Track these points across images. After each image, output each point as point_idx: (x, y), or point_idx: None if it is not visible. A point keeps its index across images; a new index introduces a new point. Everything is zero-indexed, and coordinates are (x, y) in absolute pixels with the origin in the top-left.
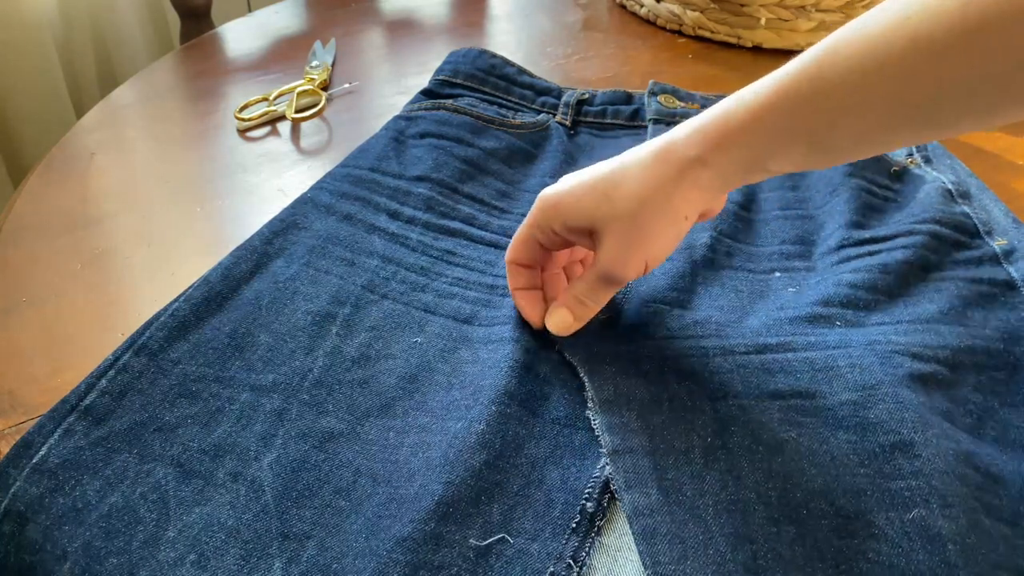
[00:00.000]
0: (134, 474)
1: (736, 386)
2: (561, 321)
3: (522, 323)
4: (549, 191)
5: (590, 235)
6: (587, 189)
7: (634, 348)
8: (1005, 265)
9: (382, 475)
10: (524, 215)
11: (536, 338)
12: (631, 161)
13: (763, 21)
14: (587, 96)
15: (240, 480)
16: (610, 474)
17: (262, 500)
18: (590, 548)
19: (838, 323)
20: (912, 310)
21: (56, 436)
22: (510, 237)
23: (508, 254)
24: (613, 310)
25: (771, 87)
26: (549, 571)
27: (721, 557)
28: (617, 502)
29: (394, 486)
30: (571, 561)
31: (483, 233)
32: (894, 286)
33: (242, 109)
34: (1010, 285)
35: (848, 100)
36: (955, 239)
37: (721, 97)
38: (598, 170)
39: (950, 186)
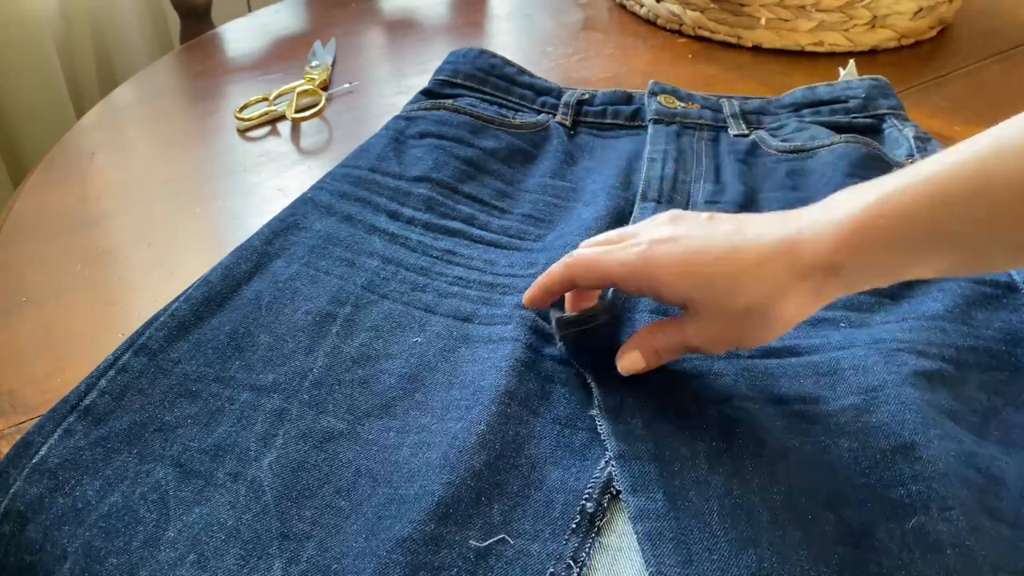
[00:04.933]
0: (134, 474)
1: (741, 390)
2: (633, 365)
3: (523, 322)
4: (653, 257)
5: (681, 306)
6: (692, 272)
7: None
8: None
9: (382, 475)
10: (524, 215)
11: (537, 337)
12: (747, 249)
13: (763, 21)
14: (587, 96)
15: (240, 480)
16: (616, 478)
17: (262, 500)
18: (590, 549)
19: (842, 325)
20: (917, 309)
21: (56, 436)
22: (510, 236)
23: (576, 270)
24: (617, 313)
25: (923, 184)
26: (549, 572)
27: (725, 561)
28: (617, 502)
29: (394, 486)
30: (571, 562)
31: (483, 233)
32: (896, 289)
33: (242, 109)
34: (1011, 287)
35: (1018, 208)
36: None
37: (721, 97)
38: (708, 248)
39: None
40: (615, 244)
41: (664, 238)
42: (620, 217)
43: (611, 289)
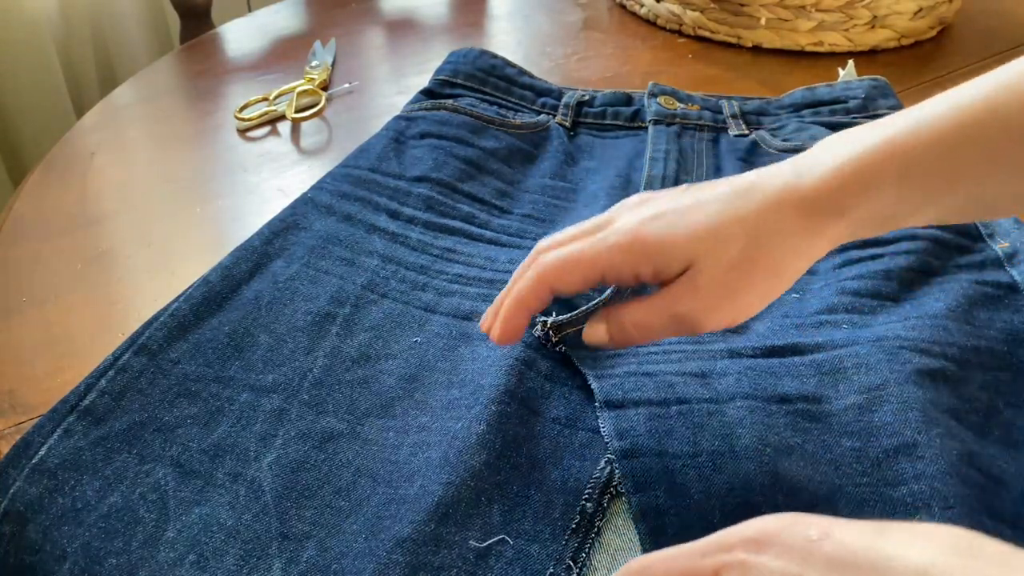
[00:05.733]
0: (133, 474)
1: (744, 388)
2: (595, 336)
3: None
4: (643, 228)
5: (680, 273)
6: (691, 228)
7: (641, 351)
8: (1008, 268)
9: (382, 475)
10: (524, 214)
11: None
12: (745, 196)
13: (763, 21)
14: (587, 97)
15: (240, 480)
16: (618, 476)
17: (262, 500)
18: (590, 549)
19: (844, 326)
20: (919, 309)
21: (56, 436)
22: (510, 235)
23: (550, 273)
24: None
25: (930, 127)
26: (549, 572)
27: None
28: (617, 502)
29: (394, 486)
30: (571, 562)
31: (483, 231)
32: (898, 292)
33: (242, 109)
34: (1013, 288)
35: None
36: (957, 243)
37: (721, 98)
38: (702, 202)
39: None
40: (588, 236)
41: (649, 215)
42: None
43: (612, 287)
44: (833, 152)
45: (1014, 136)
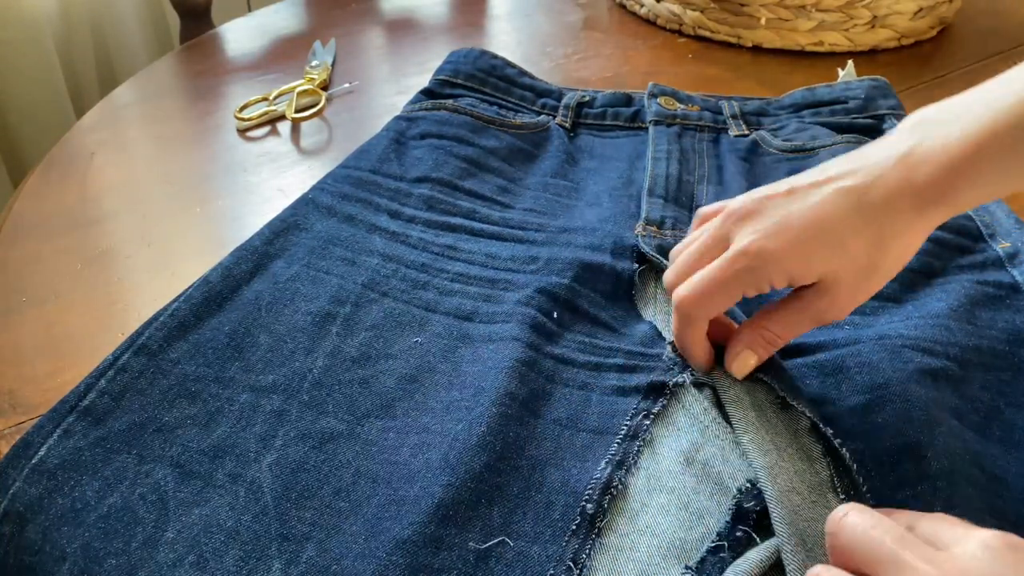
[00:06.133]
0: (133, 475)
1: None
2: (747, 365)
3: (524, 320)
4: (766, 246)
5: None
6: (816, 243)
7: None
8: (1009, 268)
9: (382, 476)
10: (526, 208)
11: (539, 335)
12: (862, 204)
13: (763, 21)
14: (587, 98)
15: (239, 481)
16: (761, 485)
17: (261, 501)
18: (590, 550)
19: (846, 326)
20: (921, 309)
21: (55, 436)
22: (512, 228)
23: (694, 309)
24: None
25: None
26: (549, 573)
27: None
28: (617, 503)
29: (394, 488)
30: (571, 563)
31: (484, 226)
32: (900, 292)
33: (242, 109)
34: (1015, 288)
35: None
36: (958, 243)
37: (721, 98)
38: (819, 213)
39: None
40: (709, 258)
41: (771, 230)
42: (626, 218)
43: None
44: (943, 142)
45: None
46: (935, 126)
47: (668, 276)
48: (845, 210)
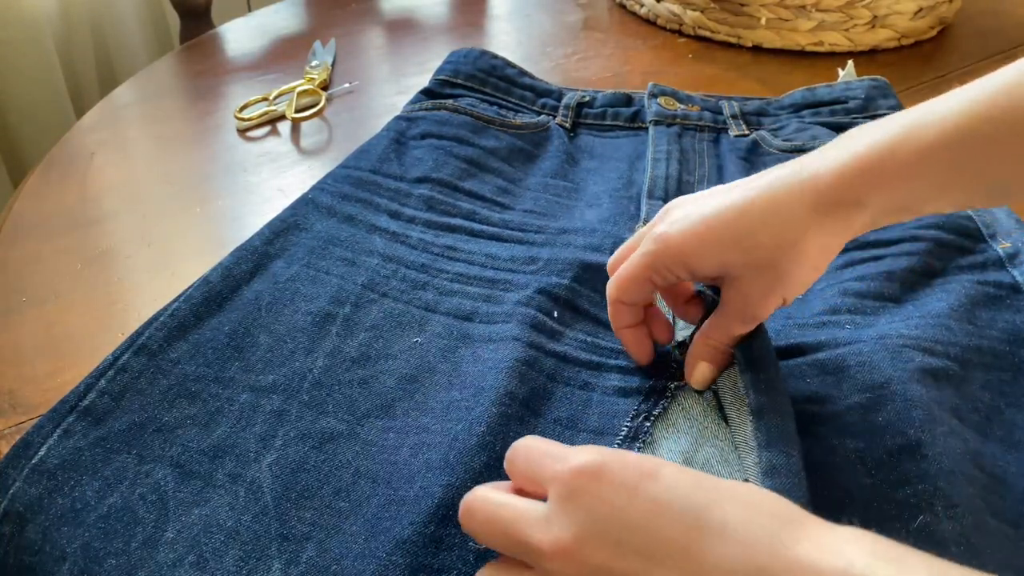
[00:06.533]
0: (133, 475)
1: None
2: (704, 376)
3: (524, 320)
4: (669, 234)
5: (718, 277)
6: (715, 237)
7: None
8: (1009, 268)
9: (382, 476)
10: (526, 210)
11: (539, 335)
12: (763, 200)
13: (763, 21)
14: (587, 98)
15: (239, 481)
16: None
17: (261, 501)
18: None
19: (847, 326)
20: (921, 309)
21: (55, 437)
22: (511, 229)
23: (613, 291)
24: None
25: (944, 120)
26: None
27: None
28: None
29: (394, 488)
30: None
31: (483, 227)
32: (900, 293)
33: (242, 109)
34: (1015, 288)
35: None
36: (959, 244)
37: (721, 98)
38: (722, 209)
39: None
40: (635, 244)
41: (675, 218)
42: (626, 218)
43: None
44: (847, 147)
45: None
46: (852, 135)
47: (608, 263)
48: (753, 208)
